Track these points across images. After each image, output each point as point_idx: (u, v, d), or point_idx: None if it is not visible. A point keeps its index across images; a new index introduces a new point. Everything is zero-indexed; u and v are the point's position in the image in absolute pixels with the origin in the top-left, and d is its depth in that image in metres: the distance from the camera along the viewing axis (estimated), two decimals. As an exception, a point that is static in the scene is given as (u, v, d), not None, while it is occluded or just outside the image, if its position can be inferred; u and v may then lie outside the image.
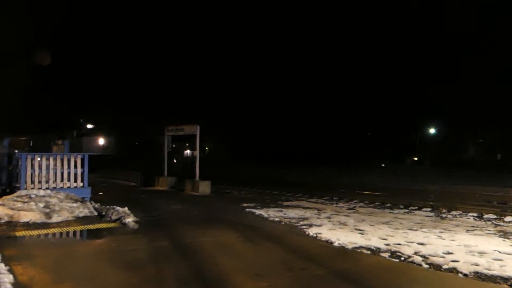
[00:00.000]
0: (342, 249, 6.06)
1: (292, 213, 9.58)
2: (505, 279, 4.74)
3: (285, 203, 11.95)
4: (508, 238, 7.13)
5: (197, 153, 15.12)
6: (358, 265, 5.19)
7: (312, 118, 59.21)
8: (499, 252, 5.94)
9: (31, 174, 9.54)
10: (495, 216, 10.05)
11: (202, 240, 6.39)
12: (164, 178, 16.24)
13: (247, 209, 10.07)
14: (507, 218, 9.68)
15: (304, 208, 10.89)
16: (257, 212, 9.59)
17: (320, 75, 69.47)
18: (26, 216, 7.59)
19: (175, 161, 22.85)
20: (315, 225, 7.96)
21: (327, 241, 6.52)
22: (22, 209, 7.84)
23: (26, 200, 8.34)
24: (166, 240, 6.42)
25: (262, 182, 19.30)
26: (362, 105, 58.21)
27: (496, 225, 8.77)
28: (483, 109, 47.15)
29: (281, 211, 9.97)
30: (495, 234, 7.59)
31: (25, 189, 9.27)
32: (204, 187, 14.08)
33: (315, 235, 6.99)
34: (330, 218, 9.06)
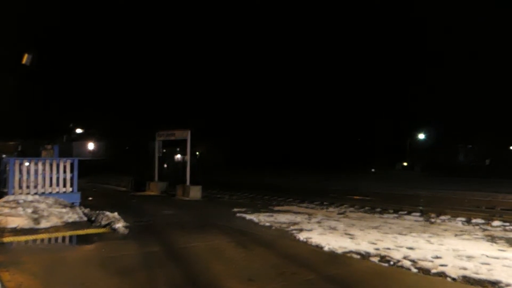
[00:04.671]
0: (332, 254, 6.09)
1: (283, 218, 9.59)
2: (492, 283, 4.80)
3: (276, 208, 11.98)
4: (495, 243, 7.22)
5: (188, 158, 15.10)
6: (348, 270, 5.22)
7: (304, 125, 59.48)
8: (487, 256, 6.01)
9: (19, 179, 9.42)
10: (483, 221, 10.17)
11: (194, 245, 6.37)
12: (155, 183, 16.16)
13: (238, 214, 10.07)
14: (495, 223, 9.80)
15: (294, 213, 10.92)
16: (248, 217, 9.60)
17: (312, 82, 69.88)
18: (14, 222, 7.49)
19: (166, 166, 22.73)
20: (306, 230, 7.98)
21: (317, 246, 6.54)
22: (10, 214, 7.74)
23: (13, 205, 8.23)
24: (157, 245, 6.38)
25: (253, 187, 19.29)
26: (352, 111, 58.68)
27: (484, 230, 8.88)
28: (472, 115, 47.81)
29: (272, 216, 9.98)
30: (483, 238, 7.68)
31: (13, 194, 9.16)
32: (195, 192, 14.04)
33: (305, 240, 7.01)
34: (320, 222, 9.10)
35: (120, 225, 7.53)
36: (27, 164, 9.63)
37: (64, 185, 9.96)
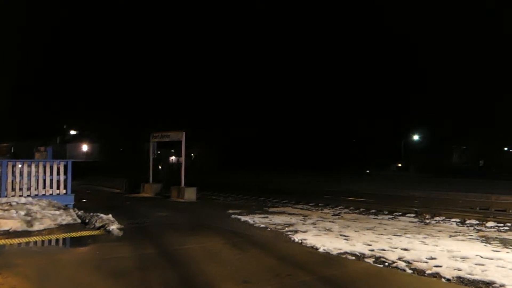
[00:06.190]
0: (327, 255, 6.09)
1: (278, 219, 9.59)
2: (486, 284, 4.83)
3: (271, 209, 11.97)
4: (489, 243, 7.26)
5: (182, 159, 15.05)
6: (343, 271, 5.22)
7: (299, 126, 59.55)
8: (481, 257, 6.04)
9: (12, 181, 9.34)
10: (477, 222, 10.23)
11: (189, 247, 6.34)
12: (150, 184, 16.09)
13: (233, 216, 10.05)
14: (489, 224, 9.86)
15: (289, 214, 10.93)
16: (243, 218, 9.58)
17: (308, 83, 70.03)
18: (7, 224, 7.42)
19: (160, 167, 22.64)
20: (301, 231, 7.98)
21: (312, 247, 6.54)
22: (2, 217, 7.66)
23: (6, 207, 8.15)
24: (151, 247, 6.35)
25: (248, 189, 19.27)
26: (347, 112, 58.86)
27: (478, 231, 8.93)
28: (466, 116, 48.14)
29: (267, 217, 9.99)
30: (477, 239, 7.72)
31: (6, 196, 9.08)
32: (190, 194, 13.99)
33: (300, 241, 7.01)
34: (315, 224, 9.11)
35: (114, 227, 7.49)
36: (20, 166, 9.54)
37: (58, 187, 9.88)
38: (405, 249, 6.48)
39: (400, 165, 51.30)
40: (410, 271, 5.32)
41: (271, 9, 76.03)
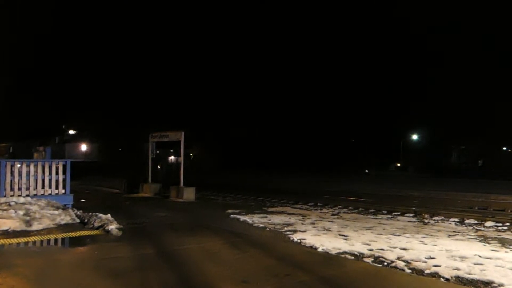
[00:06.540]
0: (326, 255, 6.09)
1: (277, 219, 9.60)
2: (485, 283, 4.83)
3: (270, 209, 11.98)
4: (488, 243, 7.27)
5: (181, 159, 15.04)
6: (342, 271, 5.23)
7: (298, 126, 59.56)
8: (480, 256, 6.05)
9: (11, 181, 9.33)
10: (476, 221, 10.24)
11: (188, 247, 6.34)
12: (149, 184, 16.08)
13: (232, 216, 10.05)
14: (488, 223, 9.88)
15: (288, 214, 10.93)
16: (242, 218, 9.58)
17: (306, 84, 70.05)
18: (5, 224, 7.42)
19: (159, 167, 22.62)
20: (300, 231, 7.98)
21: (311, 247, 6.55)
22: (1, 216, 7.65)
23: (5, 207, 8.15)
24: (150, 247, 6.35)
25: (247, 189, 19.28)
26: (346, 112, 58.92)
27: (477, 230, 8.94)
28: (465, 115, 48.19)
29: (266, 217, 9.99)
30: (476, 239, 7.73)
31: (5, 196, 9.07)
32: (189, 194, 13.98)
33: (299, 241, 7.01)
34: (314, 224, 9.11)
35: (113, 227, 7.48)
36: (18, 166, 9.54)
37: (57, 187, 9.87)
38: (404, 249, 6.48)
39: (399, 165, 51.34)
40: (409, 271, 5.33)
41: (270, 9, 76.10)
